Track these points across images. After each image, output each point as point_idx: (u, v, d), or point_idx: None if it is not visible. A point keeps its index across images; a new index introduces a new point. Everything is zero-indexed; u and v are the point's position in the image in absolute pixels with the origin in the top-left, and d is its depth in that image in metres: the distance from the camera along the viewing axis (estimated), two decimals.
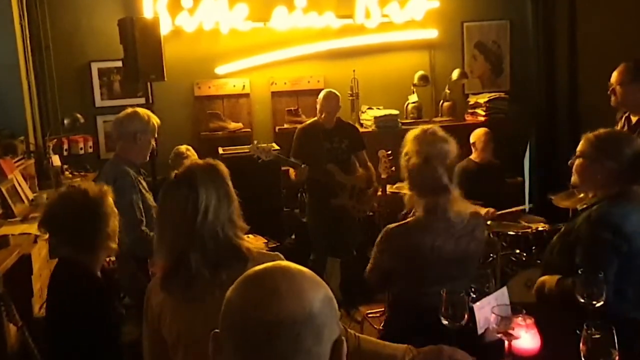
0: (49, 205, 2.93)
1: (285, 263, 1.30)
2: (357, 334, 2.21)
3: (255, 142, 5.26)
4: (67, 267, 2.84)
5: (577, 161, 2.90)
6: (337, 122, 5.46)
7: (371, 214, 5.61)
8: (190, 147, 5.74)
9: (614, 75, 4.13)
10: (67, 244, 2.84)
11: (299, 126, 5.69)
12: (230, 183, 2.21)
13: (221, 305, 1.27)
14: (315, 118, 5.49)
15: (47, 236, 3.98)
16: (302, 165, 5.23)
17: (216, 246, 2.10)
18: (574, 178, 2.95)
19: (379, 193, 5.35)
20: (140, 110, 4.02)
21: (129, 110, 4.02)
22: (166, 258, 2.14)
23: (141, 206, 3.82)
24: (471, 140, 5.78)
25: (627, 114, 4.18)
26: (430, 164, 2.77)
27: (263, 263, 1.31)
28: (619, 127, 4.18)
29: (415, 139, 2.87)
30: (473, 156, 5.81)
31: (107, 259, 4.57)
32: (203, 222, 2.08)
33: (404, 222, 2.87)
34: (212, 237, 2.10)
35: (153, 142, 4.10)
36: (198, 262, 2.08)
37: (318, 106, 5.40)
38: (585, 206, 2.88)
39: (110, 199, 2.89)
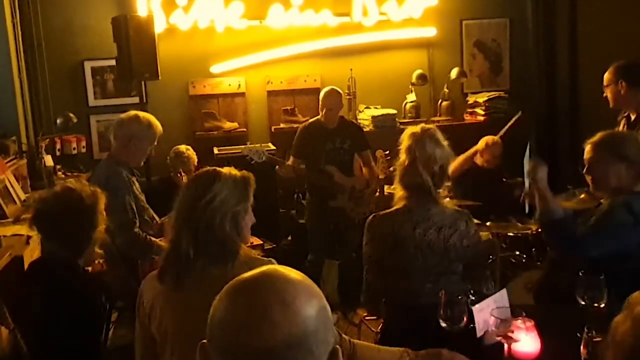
0: (41, 202, 2.88)
1: (276, 272, 1.21)
2: (351, 339, 2.19)
3: (248, 143, 5.21)
4: (51, 261, 2.82)
5: (588, 169, 2.92)
6: (340, 121, 5.39)
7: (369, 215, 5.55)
8: (189, 147, 5.73)
9: (604, 78, 4.23)
10: (55, 241, 2.81)
11: (301, 125, 5.62)
12: (251, 194, 2.24)
13: (205, 300, 1.22)
14: (318, 117, 5.42)
15: (39, 238, 3.94)
16: (287, 163, 5.16)
17: (206, 232, 2.12)
18: (591, 186, 2.99)
19: (377, 194, 5.29)
20: (143, 115, 3.95)
21: (132, 112, 3.95)
22: (169, 241, 2.21)
23: (134, 207, 3.77)
24: (481, 146, 5.67)
25: (626, 113, 4.21)
26: (415, 167, 2.80)
27: (250, 268, 1.24)
28: (620, 127, 4.21)
29: (410, 137, 2.90)
30: (477, 159, 5.69)
31: (99, 262, 4.54)
32: (205, 207, 2.12)
33: (386, 210, 2.94)
34: (207, 223, 2.12)
35: (151, 149, 4.02)
36: (187, 243, 2.11)
37: (320, 104, 5.33)
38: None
39: (102, 204, 2.87)
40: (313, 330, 1.15)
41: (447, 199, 4.58)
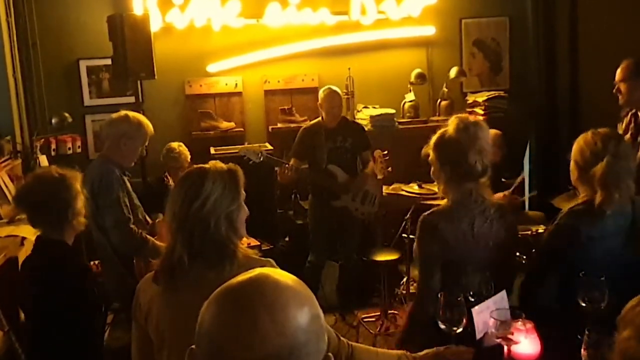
0: (22, 185, 3.17)
1: (266, 278, 1.17)
2: (350, 342, 2.17)
3: (246, 143, 5.17)
4: (44, 246, 2.98)
5: None
6: (342, 121, 5.36)
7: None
8: (182, 144, 5.73)
9: (617, 73, 4.11)
10: (39, 221, 3.00)
11: (302, 126, 5.59)
12: (242, 189, 2.21)
13: (200, 302, 1.18)
14: (318, 119, 5.38)
15: (34, 238, 3.92)
16: (287, 165, 5.11)
17: (202, 236, 2.09)
18: None
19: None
20: (132, 114, 4.00)
21: (122, 112, 4.01)
22: (167, 244, 2.19)
23: (128, 204, 3.82)
24: None
25: (633, 111, 4.12)
26: (472, 154, 2.71)
27: (249, 269, 1.21)
28: (623, 125, 4.14)
29: (456, 126, 2.78)
30: None
31: (94, 263, 4.51)
32: (199, 210, 2.09)
33: (437, 208, 2.80)
34: (202, 227, 2.09)
35: (142, 150, 4.09)
36: (182, 247, 2.09)
37: (321, 106, 5.29)
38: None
39: (78, 183, 3.05)
40: (303, 341, 1.11)
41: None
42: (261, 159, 5.04)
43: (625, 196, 2.66)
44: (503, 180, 5.77)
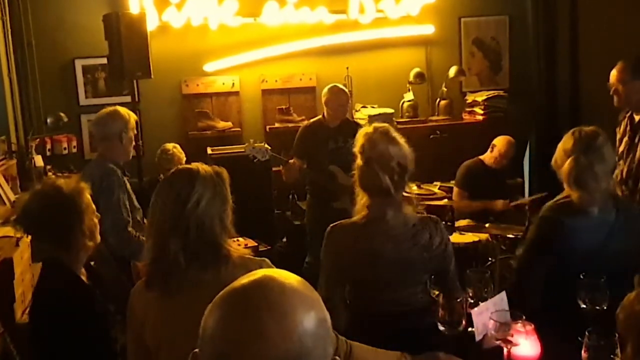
0: (23, 202, 2.82)
1: (271, 280, 1.12)
2: (348, 341, 2.15)
3: (252, 141, 5.12)
4: (50, 270, 2.75)
5: None
6: (343, 120, 5.30)
7: None
8: (177, 145, 5.73)
9: (613, 75, 4.05)
10: (45, 242, 2.77)
11: (302, 125, 5.56)
12: (229, 190, 2.21)
13: (200, 307, 1.15)
14: (319, 117, 5.34)
15: (29, 239, 3.87)
16: (290, 161, 5.07)
17: (198, 237, 2.09)
18: None
19: None
20: (120, 108, 4.04)
21: (109, 109, 4.03)
22: (153, 246, 2.15)
23: (128, 206, 3.83)
24: (495, 144, 5.56)
25: (629, 114, 4.07)
26: (371, 167, 2.68)
27: (246, 269, 1.17)
28: (621, 128, 4.10)
29: (362, 137, 2.78)
30: (486, 158, 5.59)
31: (90, 264, 4.47)
32: (193, 210, 2.09)
33: (346, 220, 2.83)
34: (197, 227, 2.09)
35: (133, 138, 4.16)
36: (177, 248, 2.08)
37: (327, 103, 5.20)
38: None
39: (87, 195, 2.78)
40: (310, 346, 1.08)
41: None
42: (267, 158, 5.02)
43: (598, 195, 2.67)
44: (507, 181, 5.76)
